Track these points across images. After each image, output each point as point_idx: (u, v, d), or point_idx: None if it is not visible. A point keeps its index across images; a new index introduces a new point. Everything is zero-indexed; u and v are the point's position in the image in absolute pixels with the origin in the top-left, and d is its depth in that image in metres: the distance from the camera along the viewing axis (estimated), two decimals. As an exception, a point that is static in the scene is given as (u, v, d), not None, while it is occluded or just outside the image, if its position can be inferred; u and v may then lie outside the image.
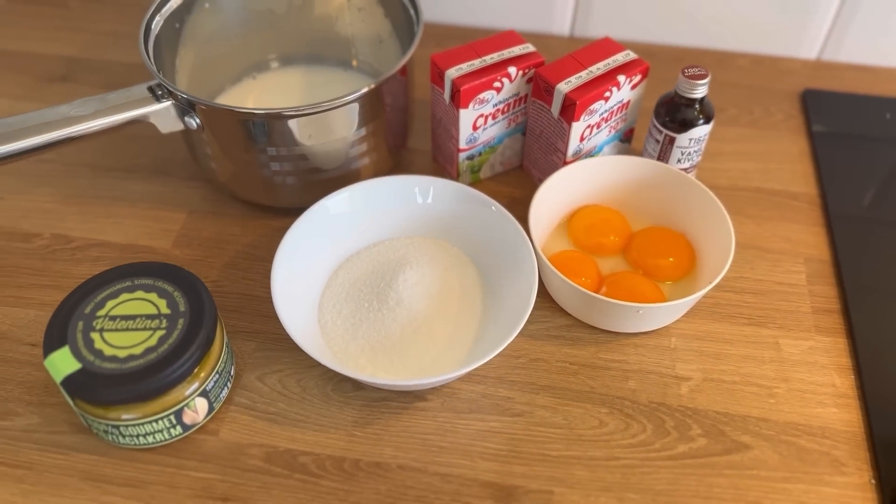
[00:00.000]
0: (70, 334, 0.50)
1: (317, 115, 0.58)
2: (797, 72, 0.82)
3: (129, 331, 0.50)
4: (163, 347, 0.50)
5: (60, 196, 0.69)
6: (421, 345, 0.55)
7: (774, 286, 0.62)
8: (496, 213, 0.59)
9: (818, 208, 0.68)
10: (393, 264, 0.59)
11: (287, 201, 0.65)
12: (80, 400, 0.49)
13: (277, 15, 0.73)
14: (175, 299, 0.52)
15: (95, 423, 0.51)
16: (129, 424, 0.50)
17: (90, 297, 0.52)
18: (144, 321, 0.51)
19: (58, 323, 0.51)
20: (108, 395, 0.48)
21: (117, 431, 0.51)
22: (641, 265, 0.62)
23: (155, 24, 0.63)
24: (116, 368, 0.49)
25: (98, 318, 0.51)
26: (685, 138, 0.63)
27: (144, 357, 0.49)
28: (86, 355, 0.49)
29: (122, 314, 0.51)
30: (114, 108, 0.58)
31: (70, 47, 0.83)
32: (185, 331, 0.51)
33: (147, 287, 0.53)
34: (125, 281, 0.53)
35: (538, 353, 0.58)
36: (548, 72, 0.62)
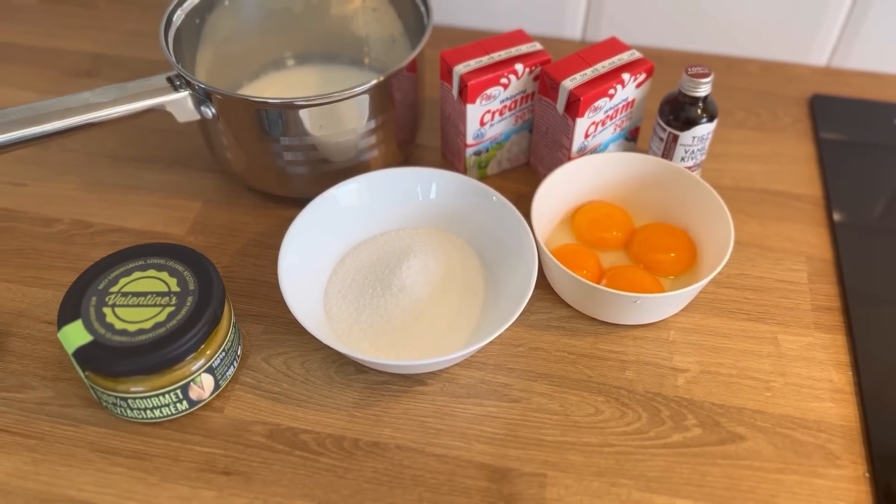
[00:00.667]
0: (84, 308, 0.52)
1: (327, 106, 0.60)
2: (806, 77, 0.82)
3: (139, 307, 0.52)
4: (171, 323, 0.51)
5: (82, 184, 0.71)
6: (422, 330, 0.57)
7: (775, 283, 0.63)
8: (497, 203, 0.60)
9: (822, 209, 0.69)
10: (398, 253, 0.61)
11: (298, 191, 0.66)
12: (91, 371, 0.51)
13: (294, 14, 0.75)
14: (185, 278, 0.54)
15: (105, 395, 0.53)
16: (137, 397, 0.52)
17: (104, 274, 0.54)
18: (155, 298, 0.53)
19: (72, 298, 0.53)
20: (118, 367, 0.50)
21: (125, 404, 0.52)
22: (643, 260, 0.63)
23: (176, 18, 0.66)
24: (126, 341, 0.50)
25: (111, 294, 0.53)
26: (688, 136, 0.64)
27: (154, 331, 0.51)
28: (97, 328, 0.51)
29: (134, 291, 0.53)
30: (133, 97, 0.60)
31: (96, 44, 0.86)
32: (194, 308, 0.52)
33: (159, 266, 0.55)
34: (138, 260, 0.55)
35: (538, 343, 0.59)
36: (553, 69, 0.64)
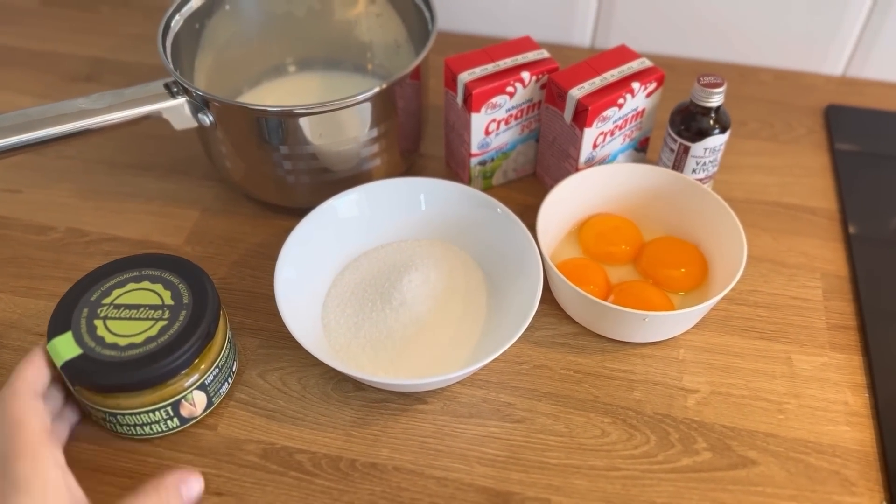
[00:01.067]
0: (74, 320, 0.51)
1: (328, 114, 0.58)
2: (821, 87, 0.80)
3: (131, 320, 0.51)
4: (163, 338, 0.50)
5: (78, 191, 0.70)
6: (422, 346, 0.55)
7: (789, 300, 0.61)
8: (501, 215, 0.58)
9: (837, 224, 0.67)
10: (399, 266, 0.59)
11: (299, 201, 0.65)
12: (79, 386, 0.50)
13: (296, 19, 0.73)
14: (180, 291, 0.52)
15: (95, 410, 0.51)
16: (127, 413, 0.50)
17: (97, 285, 0.53)
18: (148, 311, 0.51)
19: (64, 309, 0.51)
20: (106, 382, 0.48)
21: (115, 420, 0.51)
22: (652, 275, 0.61)
23: (175, 23, 0.64)
24: (116, 356, 0.49)
25: (103, 307, 0.51)
26: (700, 147, 0.62)
27: (144, 346, 0.49)
28: (87, 341, 0.49)
29: (127, 303, 0.52)
30: (129, 103, 0.58)
31: (96, 49, 0.85)
32: (187, 322, 0.51)
33: (153, 278, 0.53)
34: (133, 271, 0.54)
35: (542, 360, 0.57)
36: (561, 77, 0.62)
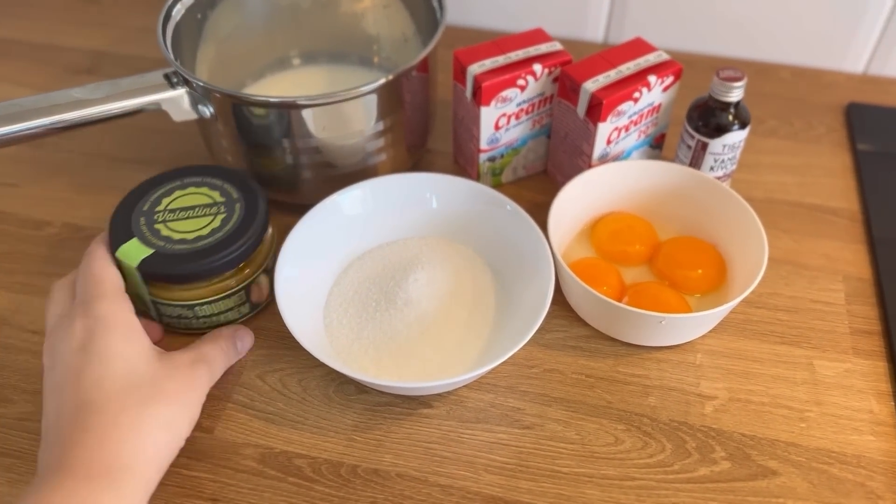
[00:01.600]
0: (135, 228, 0.53)
1: (332, 106, 0.56)
2: (841, 85, 0.78)
3: (190, 219, 0.53)
4: (228, 226, 0.53)
5: (76, 185, 0.68)
6: (428, 347, 0.53)
7: (810, 304, 0.58)
8: (511, 212, 0.56)
9: (860, 224, 0.64)
10: (404, 264, 0.57)
11: (303, 197, 0.63)
12: (157, 282, 0.52)
13: (302, 10, 0.71)
14: (226, 190, 0.55)
15: (169, 310, 0.53)
16: (204, 303, 0.53)
17: (144, 197, 0.55)
18: (203, 209, 0.54)
19: (119, 221, 0.53)
20: (185, 271, 0.51)
21: (192, 314, 0.53)
22: (668, 276, 0.58)
23: (176, 12, 0.62)
24: (188, 248, 0.52)
25: (158, 213, 0.54)
26: (718, 144, 0.60)
27: (213, 236, 0.52)
28: (156, 242, 0.52)
29: (180, 206, 0.54)
30: (126, 93, 0.57)
31: (98, 41, 0.83)
32: (245, 211, 0.54)
33: (197, 183, 0.56)
34: (174, 181, 0.56)
35: (553, 364, 0.55)
36: (574, 70, 0.60)
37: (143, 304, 0.54)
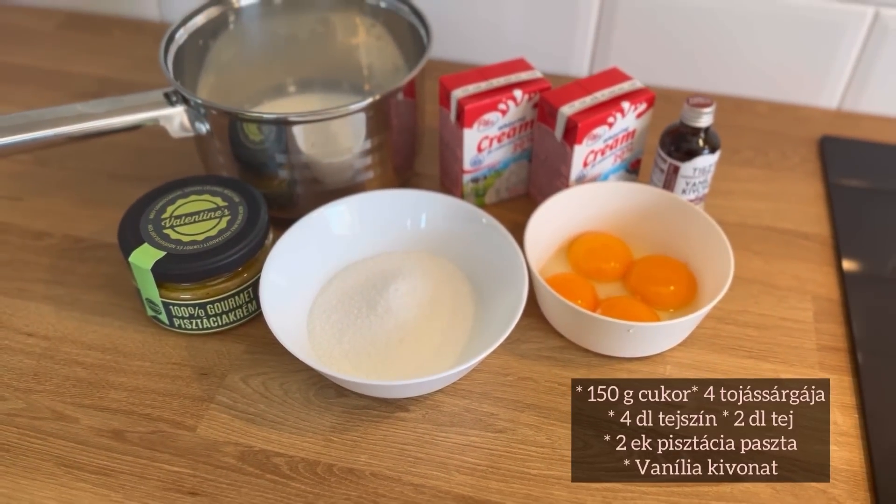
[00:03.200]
0: (144, 234, 0.56)
1: (322, 124, 0.59)
2: (816, 119, 0.81)
3: (197, 223, 0.57)
4: (234, 226, 0.57)
5: (77, 200, 0.71)
6: (406, 353, 0.55)
7: (779, 321, 0.60)
8: (487, 225, 0.59)
9: (830, 249, 0.66)
10: (386, 275, 0.59)
11: (297, 213, 0.65)
12: (171, 283, 0.55)
13: (300, 41, 0.75)
14: (227, 195, 0.59)
15: (181, 310, 0.56)
16: (215, 301, 0.56)
17: (149, 207, 0.58)
18: (208, 214, 0.58)
19: (128, 230, 0.57)
20: (198, 269, 0.54)
21: (203, 313, 0.56)
22: (641, 292, 0.61)
23: (179, 37, 0.66)
24: (199, 248, 0.55)
25: (164, 220, 0.57)
26: (689, 167, 0.63)
27: (221, 236, 0.56)
28: (167, 245, 0.55)
29: (186, 212, 0.58)
30: (127, 109, 0.60)
31: (106, 69, 0.87)
32: (249, 212, 0.58)
33: (198, 191, 0.60)
34: (175, 191, 0.60)
35: (527, 372, 0.57)
36: (552, 96, 0.63)
37: (154, 308, 0.57)
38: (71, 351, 0.58)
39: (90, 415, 0.54)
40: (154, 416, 0.54)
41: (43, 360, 0.57)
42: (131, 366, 0.57)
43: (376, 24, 0.74)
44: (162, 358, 0.57)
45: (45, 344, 0.58)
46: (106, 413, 0.54)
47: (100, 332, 0.59)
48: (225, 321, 0.58)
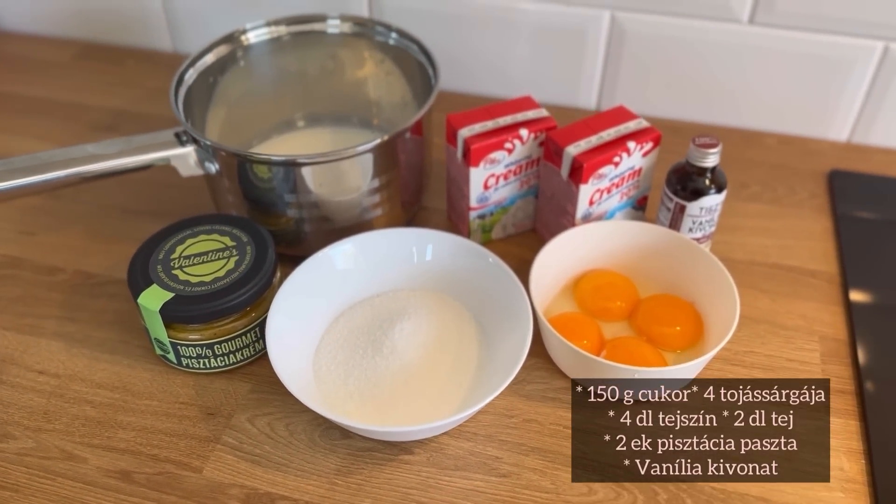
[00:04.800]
0: (153, 275, 0.57)
1: (331, 164, 0.60)
2: (825, 153, 0.81)
3: (205, 263, 0.58)
4: (242, 266, 0.57)
5: (90, 235, 0.72)
6: (411, 395, 0.55)
7: (785, 363, 0.60)
8: (493, 265, 0.59)
9: (837, 287, 0.66)
10: (392, 314, 0.59)
11: (304, 250, 0.66)
12: (179, 324, 0.56)
13: (309, 77, 0.76)
14: (235, 234, 0.60)
15: (189, 350, 0.57)
16: (222, 341, 0.56)
17: (158, 247, 0.59)
18: (216, 254, 0.58)
19: (138, 271, 0.57)
20: (206, 311, 0.55)
21: (211, 353, 0.57)
22: (646, 332, 0.61)
23: (188, 77, 0.67)
24: (207, 290, 0.56)
25: (173, 260, 0.58)
26: (696, 207, 0.63)
27: (229, 276, 0.57)
28: (175, 286, 0.56)
29: (194, 253, 0.58)
30: (138, 149, 0.61)
31: (120, 100, 0.88)
32: (256, 251, 0.59)
33: (207, 231, 0.60)
34: (185, 230, 0.60)
35: (532, 414, 0.57)
36: (558, 135, 0.63)
37: (163, 347, 0.57)
38: (81, 389, 0.59)
39: (98, 455, 0.54)
40: (161, 457, 0.54)
41: (53, 399, 0.58)
42: (139, 405, 0.58)
43: (385, 59, 0.75)
44: (170, 397, 0.58)
45: (56, 382, 0.59)
46: (114, 453, 0.54)
47: (109, 370, 0.60)
48: (232, 360, 0.58)
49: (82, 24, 0.97)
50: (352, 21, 0.73)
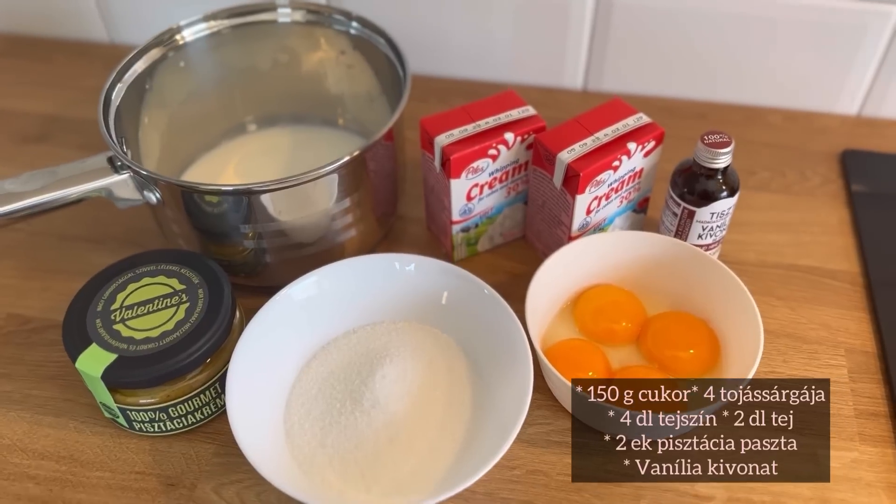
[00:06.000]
0: (92, 333, 0.49)
1: (292, 189, 0.52)
2: (835, 129, 0.74)
3: (151, 313, 0.50)
4: (194, 316, 0.50)
5: (23, 270, 0.63)
6: (398, 456, 0.48)
7: (811, 383, 0.54)
8: (489, 297, 0.52)
9: (860, 289, 0.60)
10: (371, 356, 0.52)
11: (267, 280, 0.59)
12: (126, 388, 0.48)
13: (260, 72, 0.67)
14: (185, 275, 0.52)
15: (141, 415, 0.49)
16: (177, 403, 0.49)
17: (97, 295, 0.51)
18: (163, 300, 0.51)
19: (73, 326, 0.50)
20: (156, 373, 0.47)
21: (165, 416, 0.50)
22: (657, 357, 0.54)
23: (116, 95, 0.58)
24: (154, 347, 0.48)
25: (114, 311, 0.50)
26: (706, 212, 0.56)
27: (179, 329, 0.49)
28: (117, 345, 0.48)
29: (137, 301, 0.51)
30: (65, 181, 0.52)
31: (51, 104, 0.79)
32: (209, 296, 0.51)
33: (151, 272, 0.52)
34: (126, 273, 0.53)
35: (536, 464, 0.50)
36: (549, 138, 0.55)
37: (110, 412, 0.50)
38: (21, 462, 0.51)
39: (45, 544, 0.48)
40: (117, 543, 0.47)
41: (-12, 477, 0.51)
42: (90, 477, 0.50)
43: (346, 50, 0.66)
44: (124, 466, 0.51)
45: (-9, 456, 0.52)
46: (63, 541, 0.48)
47: (53, 437, 0.53)
48: (191, 420, 0.51)
49: (0, 13, 0.86)
50: (305, 9, 0.64)
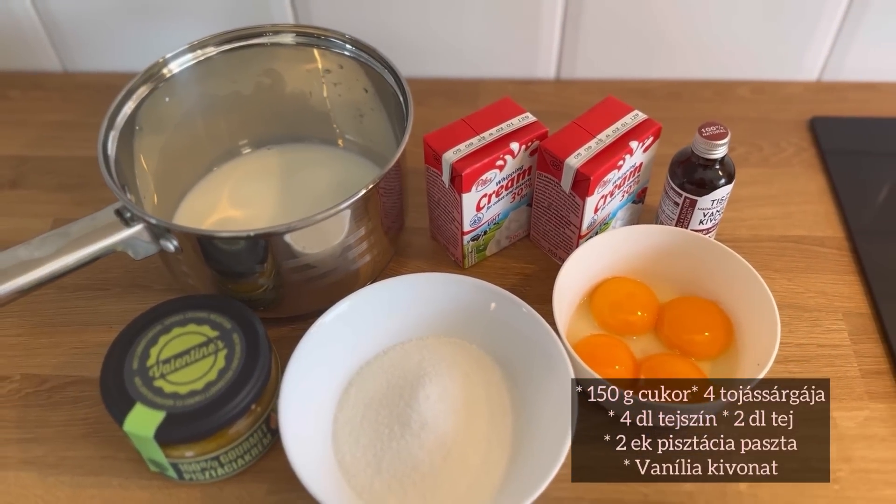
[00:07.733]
0: (133, 392, 0.48)
1: (308, 229, 0.52)
2: (800, 97, 0.77)
3: (189, 365, 0.49)
4: (235, 362, 0.49)
5: (27, 326, 0.62)
6: (454, 473, 0.50)
7: (817, 350, 0.58)
8: (527, 314, 0.53)
9: (848, 253, 0.64)
10: (410, 377, 0.54)
11: (287, 311, 0.59)
12: (179, 444, 0.48)
13: (244, 97, 0.66)
14: (215, 321, 0.51)
15: (192, 466, 0.49)
16: (228, 450, 0.49)
17: (129, 353, 0.50)
18: (200, 350, 0.50)
19: (112, 388, 0.49)
20: (209, 426, 0.47)
21: (217, 463, 0.50)
22: (676, 343, 0.57)
23: (111, 144, 0.56)
24: (202, 399, 0.48)
25: (151, 368, 0.49)
26: (707, 200, 0.58)
27: (223, 377, 0.49)
28: (163, 402, 0.48)
29: (173, 354, 0.50)
30: (78, 242, 0.51)
31: (15, 145, 0.75)
32: (245, 338, 0.50)
33: (180, 322, 0.51)
34: (154, 326, 0.51)
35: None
36: (554, 144, 0.57)
37: (158, 466, 0.50)
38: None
39: None
40: None
41: (41, 548, 0.50)
42: (146, 533, 0.51)
43: (331, 69, 0.65)
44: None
45: (39, 525, 0.51)
46: None
47: (99, 498, 0.52)
48: (241, 464, 0.52)
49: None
50: (294, 32, 0.63)
